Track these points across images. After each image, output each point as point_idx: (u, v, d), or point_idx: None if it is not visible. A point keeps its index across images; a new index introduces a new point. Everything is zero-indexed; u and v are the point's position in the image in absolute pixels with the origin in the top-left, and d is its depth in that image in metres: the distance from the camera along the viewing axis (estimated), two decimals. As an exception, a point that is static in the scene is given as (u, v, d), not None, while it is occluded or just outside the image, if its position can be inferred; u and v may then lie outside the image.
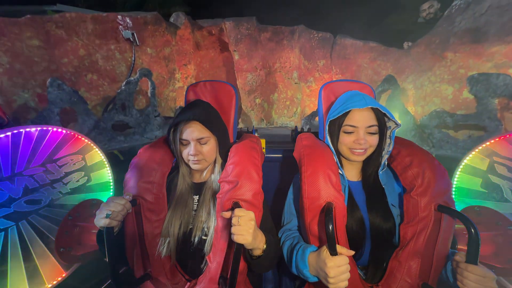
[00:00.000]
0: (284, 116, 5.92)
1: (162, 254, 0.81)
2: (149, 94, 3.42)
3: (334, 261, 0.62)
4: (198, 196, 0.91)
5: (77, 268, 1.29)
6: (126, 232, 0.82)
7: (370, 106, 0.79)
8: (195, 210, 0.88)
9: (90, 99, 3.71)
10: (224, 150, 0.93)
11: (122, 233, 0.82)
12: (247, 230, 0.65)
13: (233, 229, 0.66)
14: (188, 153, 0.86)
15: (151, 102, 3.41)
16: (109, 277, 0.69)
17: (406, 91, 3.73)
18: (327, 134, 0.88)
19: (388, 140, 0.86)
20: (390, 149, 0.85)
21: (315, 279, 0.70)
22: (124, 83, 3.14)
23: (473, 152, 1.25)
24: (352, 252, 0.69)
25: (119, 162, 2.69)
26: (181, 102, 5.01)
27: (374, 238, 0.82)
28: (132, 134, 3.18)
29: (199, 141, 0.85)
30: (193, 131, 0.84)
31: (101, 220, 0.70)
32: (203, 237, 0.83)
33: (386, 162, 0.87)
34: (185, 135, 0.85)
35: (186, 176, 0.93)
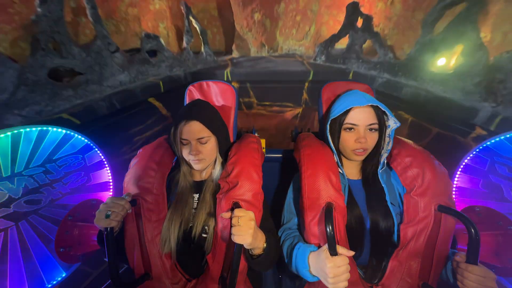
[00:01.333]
0: (292, 39, 4.37)
1: (163, 251, 0.81)
2: (89, 18, 2.13)
3: (334, 261, 0.62)
4: (198, 194, 0.91)
5: (77, 268, 1.30)
6: (126, 232, 0.82)
7: (370, 104, 0.79)
8: (195, 208, 0.88)
9: (1, 31, 2.07)
10: (224, 149, 0.93)
11: (122, 233, 0.82)
12: (247, 231, 0.65)
13: (233, 230, 0.66)
14: (188, 152, 0.86)
15: (98, 31, 2.13)
16: (109, 277, 0.69)
17: (486, 6, 2.04)
18: (328, 134, 0.88)
19: (387, 139, 0.86)
20: (389, 148, 0.86)
21: (315, 279, 0.70)
22: (38, 1, 1.80)
23: (473, 152, 1.25)
24: (352, 253, 0.69)
25: (76, 129, 1.68)
26: (148, 23, 3.26)
27: (373, 237, 0.82)
28: (84, 84, 2.04)
29: (199, 140, 0.85)
30: (193, 131, 0.84)
31: (101, 221, 0.70)
32: (203, 235, 0.84)
33: (385, 161, 0.87)
34: (185, 135, 0.85)
35: (187, 174, 0.93)
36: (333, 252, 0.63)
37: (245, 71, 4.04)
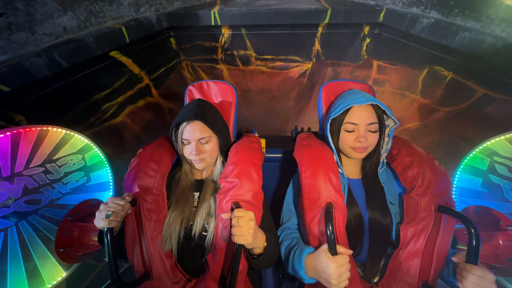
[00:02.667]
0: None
1: (165, 249, 0.81)
2: None
3: (337, 261, 0.62)
4: (198, 192, 0.92)
5: (77, 268, 1.29)
6: (126, 232, 0.82)
7: (370, 103, 0.79)
8: (196, 207, 0.89)
9: None
10: (225, 149, 0.94)
11: (122, 233, 0.82)
12: (247, 231, 0.66)
13: (233, 230, 0.66)
14: (190, 152, 0.86)
15: None
16: (109, 277, 0.69)
17: None
18: (328, 133, 0.88)
19: (386, 139, 0.86)
20: (389, 147, 0.86)
21: (311, 281, 0.70)
22: None
23: (473, 152, 1.25)
24: (351, 251, 0.69)
25: (5, 98, 1.37)
26: None
27: (372, 235, 0.82)
28: (6, 30, 1.36)
29: (200, 140, 0.86)
30: (194, 131, 0.84)
31: (100, 221, 0.69)
32: (203, 233, 0.84)
33: (385, 161, 0.87)
34: (187, 135, 0.85)
35: (189, 173, 0.94)
36: (334, 252, 0.64)
37: (239, 12, 2.90)
